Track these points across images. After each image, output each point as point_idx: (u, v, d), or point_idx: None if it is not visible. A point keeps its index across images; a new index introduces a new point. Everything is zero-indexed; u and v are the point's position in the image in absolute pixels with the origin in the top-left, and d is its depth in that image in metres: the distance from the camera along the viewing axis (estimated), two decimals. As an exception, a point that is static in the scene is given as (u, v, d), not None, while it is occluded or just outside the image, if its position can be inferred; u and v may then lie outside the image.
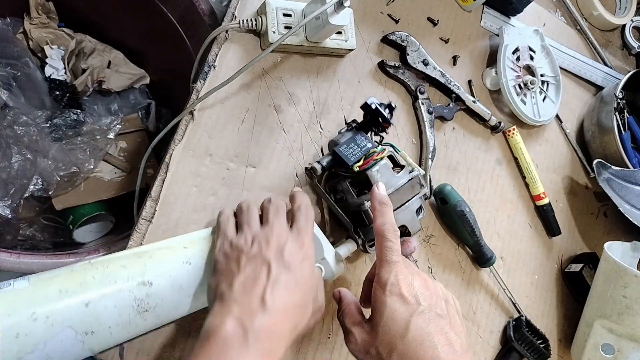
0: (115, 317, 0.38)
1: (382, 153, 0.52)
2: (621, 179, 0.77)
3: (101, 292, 0.38)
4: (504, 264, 0.71)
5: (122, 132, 0.86)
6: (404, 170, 0.53)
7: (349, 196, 0.52)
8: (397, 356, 0.40)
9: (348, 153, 0.51)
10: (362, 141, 0.52)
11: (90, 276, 0.38)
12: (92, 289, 0.38)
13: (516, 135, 0.74)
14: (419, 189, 0.54)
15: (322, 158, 0.53)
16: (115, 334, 0.39)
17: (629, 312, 0.61)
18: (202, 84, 0.55)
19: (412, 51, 0.67)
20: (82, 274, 0.38)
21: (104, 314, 0.38)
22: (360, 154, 0.51)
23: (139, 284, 0.40)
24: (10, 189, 0.72)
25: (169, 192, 0.51)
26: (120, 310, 0.39)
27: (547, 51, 0.78)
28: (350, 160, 0.50)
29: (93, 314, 0.37)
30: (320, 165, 0.51)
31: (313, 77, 0.61)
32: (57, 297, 0.36)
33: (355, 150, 0.51)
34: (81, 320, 0.37)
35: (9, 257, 0.56)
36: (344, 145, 0.52)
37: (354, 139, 0.52)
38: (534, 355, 0.66)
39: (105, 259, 0.41)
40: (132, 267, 0.41)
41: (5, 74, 0.76)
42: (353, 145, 0.52)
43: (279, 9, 0.56)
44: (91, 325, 0.37)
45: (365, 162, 0.51)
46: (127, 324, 0.39)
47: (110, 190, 0.83)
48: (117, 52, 0.91)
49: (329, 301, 0.56)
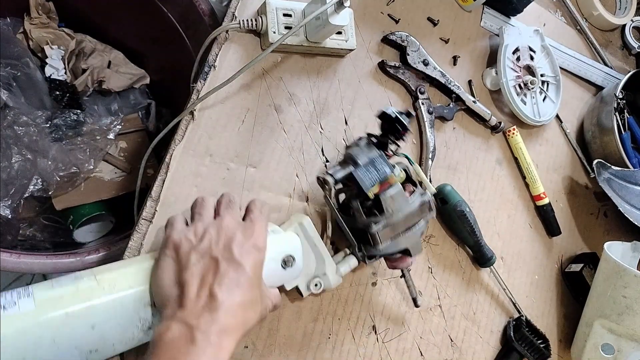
0: (119, 336, 0.39)
1: (397, 178, 0.51)
2: (621, 179, 0.77)
3: (108, 314, 0.38)
4: (504, 264, 0.71)
5: (122, 132, 0.86)
6: (416, 194, 0.52)
7: (358, 214, 0.51)
8: None
9: (365, 177, 0.49)
10: (381, 165, 0.50)
11: (96, 297, 0.37)
12: (99, 312, 0.37)
13: (516, 135, 0.74)
14: (428, 213, 0.53)
15: (336, 169, 0.51)
16: (118, 349, 0.39)
17: (629, 312, 0.61)
18: (202, 84, 0.55)
19: (412, 51, 0.67)
20: (89, 295, 0.37)
21: (109, 334, 0.38)
22: (378, 179, 0.49)
23: (145, 305, 0.40)
24: (10, 189, 0.72)
25: (169, 192, 0.51)
26: (125, 329, 0.39)
27: (547, 51, 0.78)
28: (367, 186, 0.49)
29: (99, 335, 0.37)
30: (333, 179, 0.49)
31: (313, 77, 0.61)
32: (64, 321, 0.36)
33: (372, 174, 0.50)
34: (87, 341, 0.37)
35: (9, 257, 0.56)
36: (362, 169, 0.50)
37: (373, 161, 0.50)
38: (534, 355, 0.66)
39: (112, 278, 0.40)
40: (139, 287, 0.40)
41: (6, 74, 0.76)
42: (371, 169, 0.50)
43: (279, 9, 0.56)
44: (96, 344, 0.38)
45: (381, 187, 0.50)
46: (131, 340, 0.40)
47: (110, 190, 0.83)
48: (117, 52, 0.92)
49: (327, 301, 0.57)
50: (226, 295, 0.38)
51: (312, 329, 0.55)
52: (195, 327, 0.35)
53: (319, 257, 0.51)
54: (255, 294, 0.40)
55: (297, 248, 0.49)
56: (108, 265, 0.42)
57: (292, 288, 0.51)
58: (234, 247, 0.40)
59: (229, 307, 0.37)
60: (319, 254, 0.51)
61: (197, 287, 0.38)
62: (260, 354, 0.52)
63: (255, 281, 0.41)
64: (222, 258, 0.39)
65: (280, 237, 0.48)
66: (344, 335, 0.57)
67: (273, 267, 0.46)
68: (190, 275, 0.38)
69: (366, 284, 0.59)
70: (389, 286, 0.61)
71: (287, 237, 0.49)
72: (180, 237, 0.41)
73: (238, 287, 0.39)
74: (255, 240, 0.42)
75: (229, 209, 0.44)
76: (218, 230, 0.41)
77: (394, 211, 0.49)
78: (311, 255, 0.51)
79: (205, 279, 0.38)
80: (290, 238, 0.49)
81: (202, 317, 0.36)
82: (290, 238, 0.49)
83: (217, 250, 0.40)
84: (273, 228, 0.49)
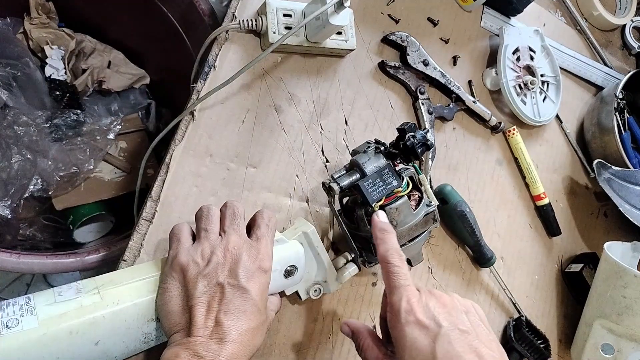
0: (122, 350, 0.39)
1: (404, 191, 0.50)
2: (621, 179, 0.77)
3: (111, 331, 0.38)
4: (504, 264, 0.71)
5: (122, 132, 0.86)
6: (421, 206, 0.51)
7: (362, 224, 0.50)
8: None
9: (372, 190, 0.48)
10: (389, 178, 0.49)
11: (100, 315, 0.37)
12: (102, 329, 0.37)
13: (516, 135, 0.74)
14: (432, 224, 0.52)
15: (341, 176, 0.50)
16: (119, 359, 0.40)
17: (628, 312, 0.61)
18: (202, 84, 0.55)
19: (412, 51, 0.67)
20: (92, 312, 0.37)
21: (112, 349, 0.38)
22: (384, 193, 0.48)
23: (148, 321, 0.40)
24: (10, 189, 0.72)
25: (169, 193, 0.51)
26: (128, 344, 0.39)
27: (547, 51, 0.78)
28: (372, 199, 0.48)
29: (102, 350, 0.38)
30: (338, 187, 0.48)
31: (313, 78, 0.61)
32: (67, 339, 0.36)
33: (379, 187, 0.48)
34: (90, 357, 0.37)
35: (9, 257, 0.56)
36: (369, 180, 0.48)
37: (381, 174, 0.49)
38: (534, 355, 0.66)
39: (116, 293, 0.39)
40: (143, 302, 0.39)
41: (5, 74, 0.76)
42: (379, 182, 0.48)
43: (279, 9, 0.56)
44: (99, 359, 0.38)
45: (387, 199, 0.49)
46: (132, 351, 0.40)
47: (110, 190, 0.83)
48: (117, 52, 0.92)
49: (327, 301, 0.57)
50: (232, 323, 0.38)
51: (312, 329, 0.55)
52: (204, 358, 0.35)
53: (321, 265, 0.51)
54: (262, 317, 0.41)
55: (300, 258, 0.48)
56: (111, 276, 0.41)
57: (291, 293, 0.51)
58: (240, 271, 0.40)
59: (237, 335, 0.37)
60: (321, 262, 0.51)
61: (204, 315, 0.38)
62: (261, 354, 0.52)
63: (261, 305, 0.41)
64: (227, 285, 0.39)
65: (285, 248, 0.48)
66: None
67: (275, 277, 0.46)
68: (197, 302, 0.38)
69: (366, 284, 0.59)
70: (389, 286, 0.61)
71: (291, 248, 0.48)
72: (187, 259, 0.40)
73: (244, 314, 0.39)
74: (261, 262, 0.42)
75: (234, 224, 0.43)
76: (224, 252, 0.41)
77: (398, 223, 0.49)
78: (313, 262, 0.51)
79: (212, 307, 0.38)
80: (294, 248, 0.48)
81: (210, 348, 0.36)
82: (294, 248, 0.48)
83: (222, 276, 0.40)
84: (277, 237, 0.48)
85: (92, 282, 0.39)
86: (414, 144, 0.49)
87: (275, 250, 0.45)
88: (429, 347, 0.37)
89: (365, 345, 0.44)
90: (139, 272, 0.42)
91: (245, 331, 0.38)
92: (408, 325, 0.39)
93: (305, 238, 0.50)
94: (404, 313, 0.39)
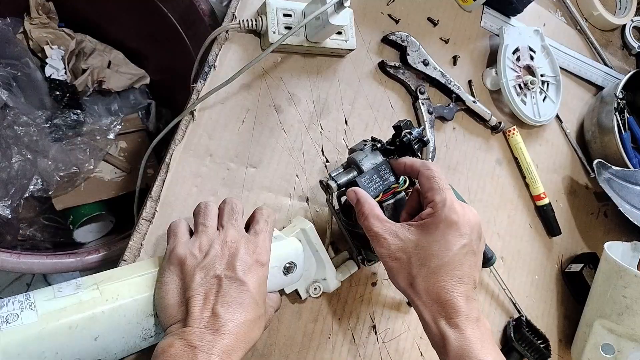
0: (121, 345, 0.39)
1: (401, 187, 0.50)
2: (621, 179, 0.77)
3: (111, 326, 0.38)
4: (504, 264, 0.71)
5: (122, 132, 0.86)
6: None
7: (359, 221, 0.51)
8: (426, 272, 0.42)
9: (369, 186, 0.48)
10: (386, 175, 0.49)
11: (100, 310, 0.37)
12: (101, 324, 0.37)
13: (516, 135, 0.74)
14: None
15: (339, 174, 0.50)
16: (120, 356, 0.40)
17: (629, 312, 0.61)
18: (202, 84, 0.55)
19: (412, 51, 0.67)
20: (92, 308, 0.37)
21: (111, 345, 0.38)
22: (381, 189, 0.49)
23: (147, 316, 0.40)
24: (10, 189, 0.72)
25: (169, 193, 0.51)
26: (127, 340, 0.39)
27: (547, 51, 0.78)
28: (370, 195, 0.48)
29: (102, 346, 0.38)
30: (336, 185, 0.49)
31: (313, 77, 0.61)
32: (67, 334, 0.36)
33: (376, 183, 0.49)
34: (89, 352, 0.37)
35: (9, 257, 0.56)
36: (366, 177, 0.49)
37: (378, 170, 0.49)
38: (534, 355, 0.66)
39: (115, 289, 0.39)
40: (142, 298, 0.40)
41: (5, 74, 0.76)
42: (375, 178, 0.49)
43: (279, 9, 0.56)
44: (98, 354, 0.38)
45: (384, 195, 0.49)
46: (132, 348, 0.40)
47: (110, 190, 0.83)
48: (117, 52, 0.92)
49: (327, 301, 0.57)
50: (229, 315, 0.38)
51: (312, 329, 0.55)
52: (199, 348, 0.35)
53: (320, 263, 0.52)
54: (259, 311, 0.40)
55: (299, 255, 0.48)
56: (110, 273, 0.41)
57: (291, 291, 0.51)
58: (237, 264, 0.40)
59: (233, 327, 0.37)
60: (320, 260, 0.51)
61: (200, 306, 0.38)
62: (261, 354, 0.52)
63: (259, 298, 0.41)
64: (225, 277, 0.39)
65: (283, 244, 0.48)
66: (344, 335, 0.57)
67: (274, 274, 0.46)
68: (194, 294, 0.38)
69: (366, 284, 0.59)
70: (389, 286, 0.61)
71: (289, 244, 0.48)
72: (185, 252, 0.40)
73: (241, 306, 0.39)
74: (259, 256, 0.42)
75: (232, 219, 0.44)
76: (222, 245, 0.41)
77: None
78: (312, 260, 0.51)
79: (209, 298, 0.38)
80: (293, 245, 0.49)
81: (205, 338, 0.36)
82: (293, 245, 0.49)
83: (220, 268, 0.40)
84: (276, 234, 0.48)
85: (91, 279, 0.40)
86: (410, 140, 0.50)
87: (273, 246, 0.45)
88: (449, 243, 0.43)
89: (373, 214, 0.46)
90: (138, 269, 0.42)
91: (242, 323, 0.38)
92: (448, 218, 0.43)
93: (304, 235, 0.50)
94: (448, 207, 0.43)
